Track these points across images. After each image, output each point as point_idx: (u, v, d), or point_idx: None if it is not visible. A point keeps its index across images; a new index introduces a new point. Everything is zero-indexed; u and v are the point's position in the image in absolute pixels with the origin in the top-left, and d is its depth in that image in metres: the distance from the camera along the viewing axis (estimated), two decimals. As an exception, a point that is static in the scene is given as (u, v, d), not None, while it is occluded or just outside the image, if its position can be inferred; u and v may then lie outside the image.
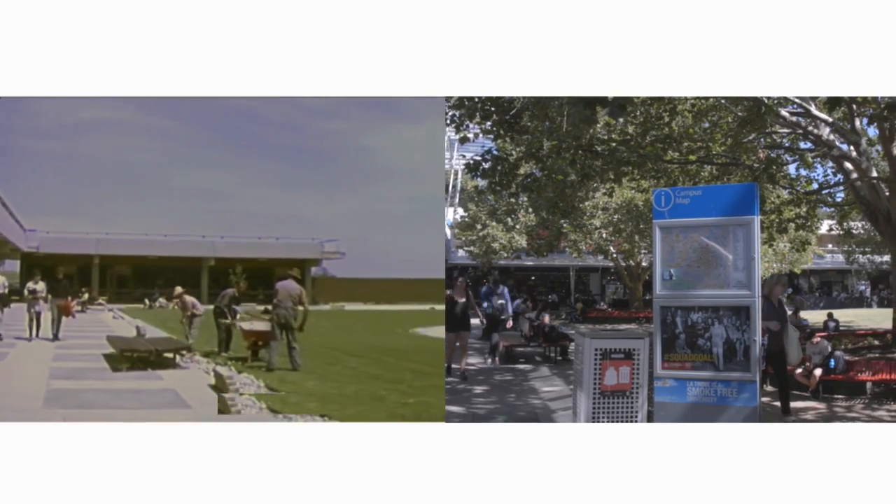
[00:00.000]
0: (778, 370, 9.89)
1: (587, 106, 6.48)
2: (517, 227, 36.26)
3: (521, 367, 14.79)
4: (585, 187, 21.55)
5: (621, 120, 13.49)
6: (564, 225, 31.58)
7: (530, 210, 31.37)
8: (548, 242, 35.31)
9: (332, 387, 9.72)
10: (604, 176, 15.38)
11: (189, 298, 14.82)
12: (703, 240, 7.22)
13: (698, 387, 7.15)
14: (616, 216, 31.70)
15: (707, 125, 15.50)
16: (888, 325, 15.85)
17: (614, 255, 35.56)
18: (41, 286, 16.49)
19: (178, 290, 15.24)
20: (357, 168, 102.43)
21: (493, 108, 12.13)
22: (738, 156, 15.61)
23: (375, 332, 22.35)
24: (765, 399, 11.12)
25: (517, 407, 10.21)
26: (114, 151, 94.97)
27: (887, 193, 14.45)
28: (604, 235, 33.80)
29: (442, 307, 13.46)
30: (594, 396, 7.16)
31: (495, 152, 15.29)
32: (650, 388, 7.39)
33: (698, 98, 13.69)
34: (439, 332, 22.16)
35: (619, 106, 6.49)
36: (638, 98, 12.82)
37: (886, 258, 30.64)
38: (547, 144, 13.57)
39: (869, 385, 11.40)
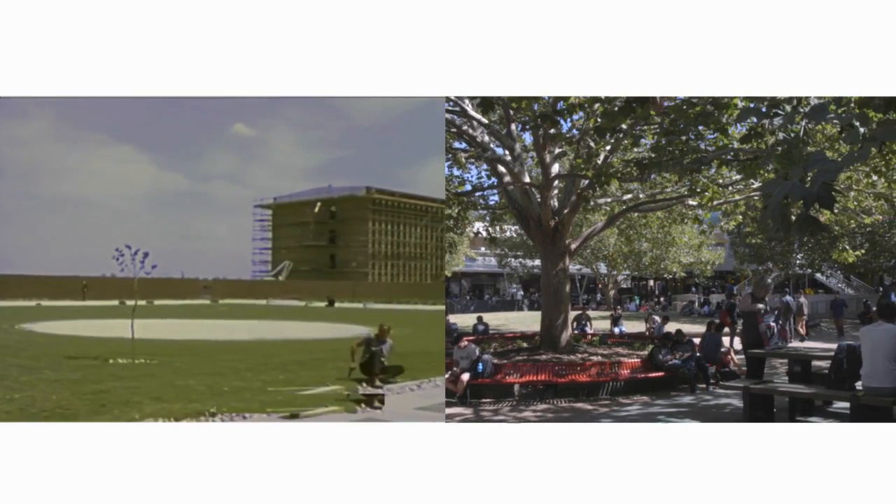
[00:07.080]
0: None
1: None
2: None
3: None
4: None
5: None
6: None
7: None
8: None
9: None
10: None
11: None
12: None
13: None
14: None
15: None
16: (538, 328, 16.29)
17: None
18: None
19: None
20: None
21: None
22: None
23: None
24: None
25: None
26: None
27: (539, 199, 14.83)
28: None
29: (51, 303, 11.87)
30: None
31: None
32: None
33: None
34: (46, 327, 21.51)
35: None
36: None
37: (538, 262, 32.45)
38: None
39: (516, 387, 11.43)
